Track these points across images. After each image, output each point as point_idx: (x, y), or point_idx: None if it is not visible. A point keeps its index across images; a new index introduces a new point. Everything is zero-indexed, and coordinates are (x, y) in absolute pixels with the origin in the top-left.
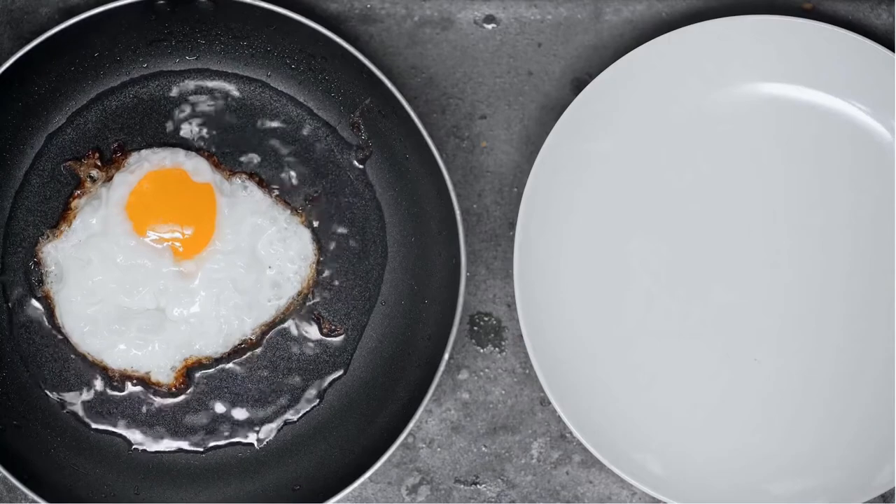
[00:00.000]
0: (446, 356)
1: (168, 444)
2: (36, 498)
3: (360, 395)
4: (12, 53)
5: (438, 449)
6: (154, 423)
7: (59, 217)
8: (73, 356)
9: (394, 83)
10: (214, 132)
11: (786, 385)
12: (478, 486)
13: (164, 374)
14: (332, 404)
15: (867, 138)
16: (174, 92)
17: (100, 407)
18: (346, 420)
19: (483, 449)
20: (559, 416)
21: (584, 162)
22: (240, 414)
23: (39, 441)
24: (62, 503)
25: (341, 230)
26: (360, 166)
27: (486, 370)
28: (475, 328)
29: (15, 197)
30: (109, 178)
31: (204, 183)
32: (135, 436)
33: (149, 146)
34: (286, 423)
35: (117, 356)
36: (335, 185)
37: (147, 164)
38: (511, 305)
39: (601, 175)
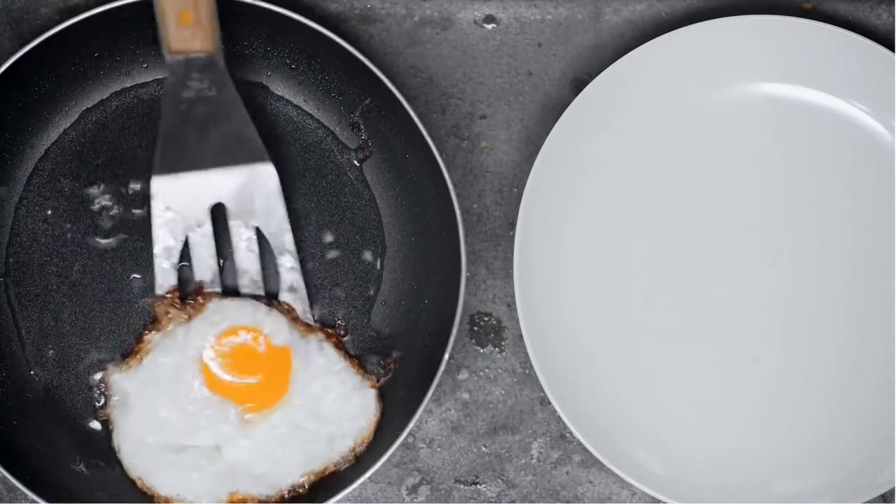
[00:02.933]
0: (446, 356)
1: None
2: (36, 498)
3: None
4: (12, 53)
5: (438, 449)
6: None
7: (131, 349)
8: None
9: (394, 83)
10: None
11: (786, 385)
12: (478, 486)
13: None
14: None
15: (867, 138)
16: None
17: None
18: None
19: (483, 449)
20: (559, 416)
21: (584, 162)
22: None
23: (39, 441)
24: (62, 503)
25: (341, 230)
26: (360, 166)
27: (486, 370)
28: (475, 328)
29: (17, 198)
30: (187, 319)
31: (282, 346)
32: None
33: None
34: None
35: (167, 484)
36: (335, 185)
37: (228, 320)
38: (511, 305)
39: (601, 175)
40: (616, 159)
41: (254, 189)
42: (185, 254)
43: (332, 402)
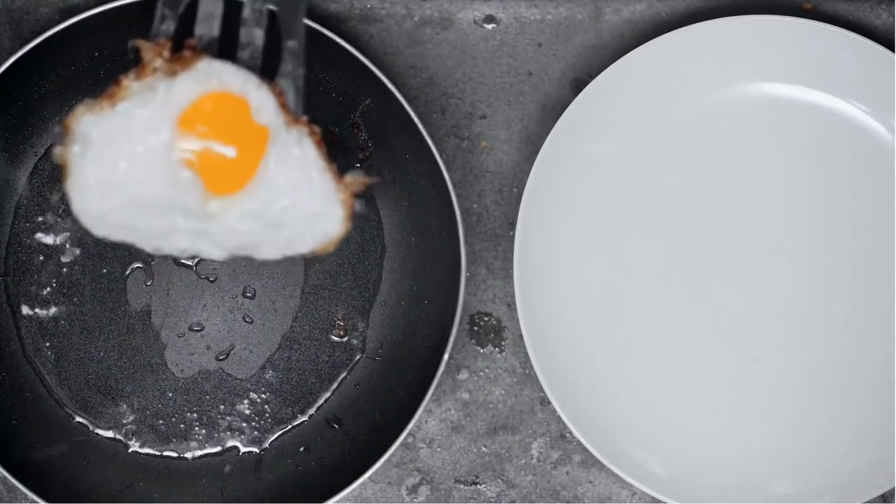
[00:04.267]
0: (446, 356)
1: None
2: (36, 498)
3: (361, 396)
4: (12, 53)
5: (438, 449)
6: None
7: (103, 89)
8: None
9: (394, 83)
10: None
11: (786, 385)
12: (478, 486)
13: None
14: (332, 404)
15: (867, 138)
16: None
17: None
18: (346, 420)
19: (483, 449)
20: (559, 416)
21: (584, 162)
22: (244, 418)
23: (39, 441)
24: (62, 503)
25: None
26: (360, 167)
27: (486, 370)
28: (475, 328)
29: (17, 198)
30: (172, 73)
31: (262, 125)
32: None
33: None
34: (290, 426)
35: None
36: None
37: (216, 82)
38: (511, 305)
39: (601, 175)
40: (616, 159)
41: None
42: (190, 9)
43: (296, 201)
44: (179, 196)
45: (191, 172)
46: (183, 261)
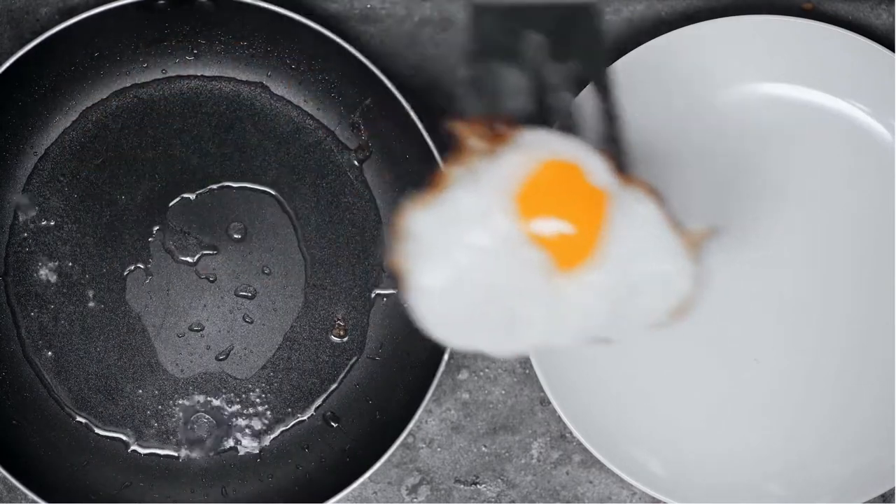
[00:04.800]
0: (446, 356)
1: (169, 449)
2: (36, 498)
3: (361, 396)
4: (12, 53)
5: (438, 449)
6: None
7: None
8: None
9: (394, 83)
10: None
11: (786, 385)
12: (478, 486)
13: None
14: (333, 404)
15: (867, 138)
16: (173, 91)
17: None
18: (346, 420)
19: (483, 449)
20: (559, 416)
21: None
22: (244, 418)
23: (39, 441)
24: (62, 503)
25: (341, 230)
26: (360, 166)
27: (486, 370)
28: None
29: (17, 197)
30: (492, 152)
31: (599, 188)
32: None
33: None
34: (290, 425)
35: (460, 340)
36: (335, 185)
37: (543, 150)
38: None
39: None
40: None
41: (578, 25)
42: (493, 83)
43: (647, 264)
44: (525, 279)
45: (534, 251)
46: (182, 259)
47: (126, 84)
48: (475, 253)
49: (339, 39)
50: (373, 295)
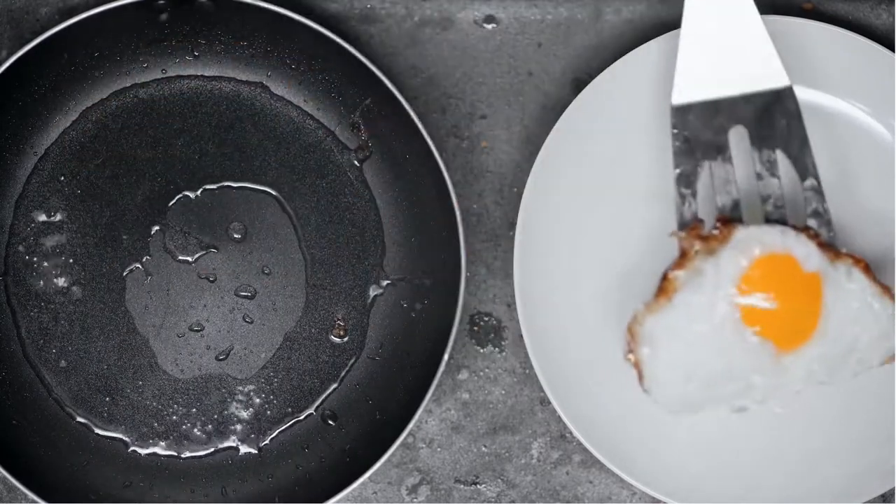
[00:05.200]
0: (446, 356)
1: (168, 449)
2: (36, 498)
3: (361, 396)
4: (12, 53)
5: (438, 449)
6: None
7: (657, 289)
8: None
9: (394, 83)
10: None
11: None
12: (478, 486)
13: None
14: (333, 404)
15: (867, 138)
16: (173, 91)
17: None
18: (346, 420)
19: (483, 449)
20: (559, 416)
21: (584, 162)
22: (244, 418)
23: (39, 441)
24: (62, 503)
25: (341, 230)
26: (360, 166)
27: (486, 370)
28: (475, 328)
29: (17, 198)
30: (711, 252)
31: (812, 273)
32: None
33: (738, 223)
34: (290, 425)
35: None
36: (335, 185)
37: (757, 247)
38: (511, 305)
39: (601, 175)
40: (616, 159)
41: (775, 111)
42: (697, 182)
43: (861, 330)
44: (752, 360)
45: (759, 338)
46: (182, 259)
47: (126, 84)
48: (705, 344)
49: (339, 39)
50: (372, 295)
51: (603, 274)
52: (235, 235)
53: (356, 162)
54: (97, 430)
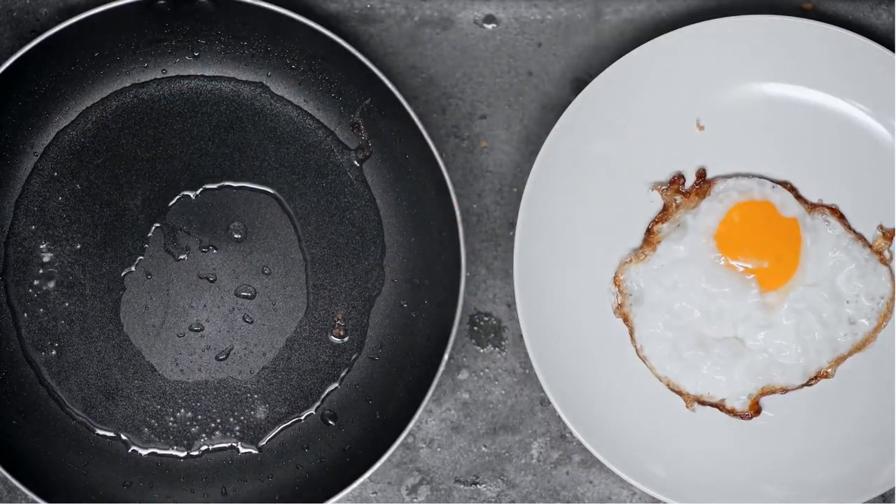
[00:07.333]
0: (446, 356)
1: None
2: (36, 498)
3: (361, 396)
4: (12, 53)
5: (438, 449)
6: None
7: (641, 241)
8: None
9: (394, 83)
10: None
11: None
12: (478, 486)
13: (739, 401)
14: (333, 404)
15: (867, 138)
16: (173, 91)
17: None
18: (346, 420)
19: (483, 449)
20: (559, 416)
21: (584, 162)
22: (244, 418)
23: (39, 441)
24: (62, 503)
25: (341, 230)
26: (360, 166)
27: (486, 370)
28: (475, 328)
29: (17, 198)
30: (693, 206)
31: (790, 217)
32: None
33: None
34: (290, 425)
35: (696, 382)
36: (335, 185)
37: (735, 195)
38: (511, 305)
39: (601, 175)
40: (616, 159)
41: None
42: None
43: (846, 281)
44: (737, 300)
45: (742, 278)
46: (182, 259)
47: (126, 84)
48: (691, 289)
49: (338, 39)
50: (372, 295)
51: (603, 274)
52: (235, 235)
53: (356, 162)
54: (97, 430)
